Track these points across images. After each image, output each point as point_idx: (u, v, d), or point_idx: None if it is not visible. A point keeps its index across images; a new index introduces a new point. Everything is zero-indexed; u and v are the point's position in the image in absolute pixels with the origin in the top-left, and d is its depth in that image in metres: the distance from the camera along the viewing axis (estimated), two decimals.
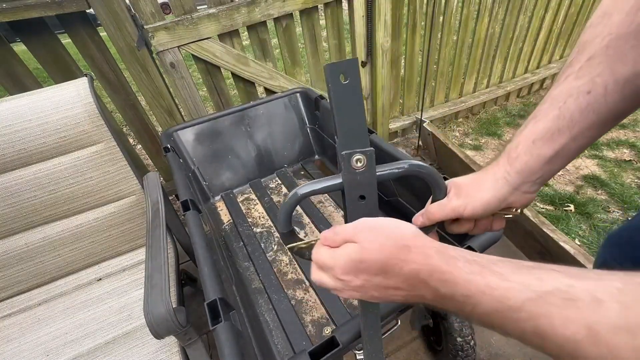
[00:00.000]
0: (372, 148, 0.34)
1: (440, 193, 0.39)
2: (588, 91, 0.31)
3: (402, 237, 0.30)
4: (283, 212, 0.36)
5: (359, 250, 0.30)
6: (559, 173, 1.75)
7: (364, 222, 0.33)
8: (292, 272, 0.98)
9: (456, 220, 0.40)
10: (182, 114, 1.45)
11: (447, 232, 0.63)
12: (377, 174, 0.36)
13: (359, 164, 0.34)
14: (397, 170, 0.37)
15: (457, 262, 0.28)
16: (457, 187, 0.39)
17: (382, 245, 0.30)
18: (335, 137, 0.34)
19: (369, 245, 0.30)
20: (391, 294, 0.31)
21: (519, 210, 0.39)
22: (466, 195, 0.38)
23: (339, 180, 0.35)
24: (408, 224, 0.33)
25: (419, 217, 0.41)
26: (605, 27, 0.30)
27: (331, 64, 0.30)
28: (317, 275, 0.34)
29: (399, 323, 0.68)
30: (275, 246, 1.07)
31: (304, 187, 0.35)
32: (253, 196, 1.28)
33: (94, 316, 0.87)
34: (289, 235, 0.38)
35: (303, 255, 0.40)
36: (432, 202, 0.41)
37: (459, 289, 0.26)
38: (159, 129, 1.42)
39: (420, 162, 0.38)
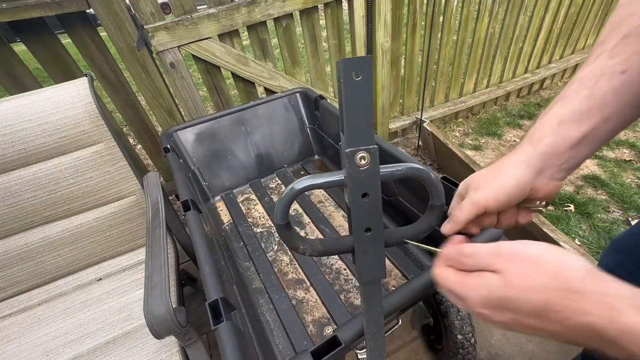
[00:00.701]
0: (376, 146, 0.34)
1: (437, 198, 0.39)
2: (623, 70, 0.28)
3: (570, 276, 0.23)
4: (280, 206, 0.37)
5: (502, 285, 0.24)
6: None
7: (510, 247, 0.26)
8: (292, 272, 0.98)
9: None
10: (182, 114, 1.45)
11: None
12: None
13: (363, 162, 0.34)
14: (397, 172, 0.37)
15: None
16: (474, 181, 0.36)
17: (540, 285, 0.23)
18: (341, 133, 0.34)
19: (519, 282, 0.24)
20: (545, 335, 0.25)
21: (544, 202, 0.36)
22: (485, 185, 0.34)
23: (338, 177, 0.35)
24: (575, 256, 0.25)
25: (446, 225, 0.39)
26: None
27: (345, 60, 0.30)
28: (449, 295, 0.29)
29: (400, 322, 0.68)
30: (276, 246, 1.07)
31: (302, 181, 0.36)
32: (253, 196, 1.28)
33: (94, 316, 0.86)
34: (285, 228, 0.38)
35: (297, 249, 0.40)
36: (429, 205, 0.40)
37: None
38: (159, 129, 1.42)
39: (420, 166, 0.38)
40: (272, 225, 1.15)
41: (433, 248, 0.36)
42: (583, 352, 0.76)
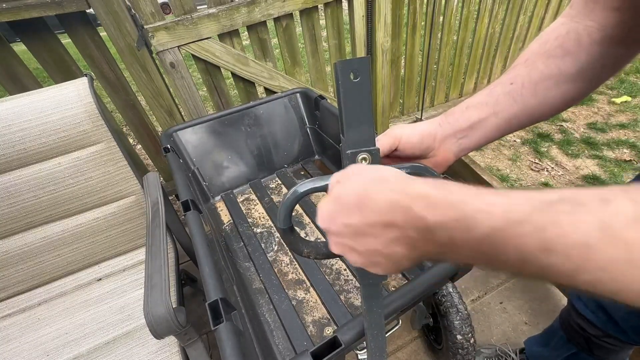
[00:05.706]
0: (377, 147, 0.34)
1: None
2: (511, 82, 0.42)
3: (380, 170, 0.30)
4: (283, 209, 0.36)
5: (338, 187, 0.30)
6: (559, 173, 1.75)
7: (351, 168, 0.32)
8: (292, 273, 0.98)
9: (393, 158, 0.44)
10: (182, 114, 1.45)
11: None
12: None
13: (364, 163, 0.34)
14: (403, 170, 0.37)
15: (447, 186, 0.25)
16: (397, 126, 0.45)
17: (358, 179, 0.29)
18: (341, 135, 0.34)
19: (347, 182, 0.29)
20: (369, 245, 0.28)
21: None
22: (404, 127, 0.44)
23: None
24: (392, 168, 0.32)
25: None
26: (526, 54, 0.44)
27: (342, 61, 0.30)
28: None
29: (400, 323, 0.68)
30: (276, 246, 1.07)
31: (304, 184, 0.35)
32: (253, 196, 1.28)
33: (94, 316, 0.86)
34: (289, 232, 0.38)
35: (301, 253, 0.40)
36: None
37: (452, 213, 0.23)
38: (159, 129, 1.42)
39: (423, 165, 0.38)
40: (272, 225, 1.15)
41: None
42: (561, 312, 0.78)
